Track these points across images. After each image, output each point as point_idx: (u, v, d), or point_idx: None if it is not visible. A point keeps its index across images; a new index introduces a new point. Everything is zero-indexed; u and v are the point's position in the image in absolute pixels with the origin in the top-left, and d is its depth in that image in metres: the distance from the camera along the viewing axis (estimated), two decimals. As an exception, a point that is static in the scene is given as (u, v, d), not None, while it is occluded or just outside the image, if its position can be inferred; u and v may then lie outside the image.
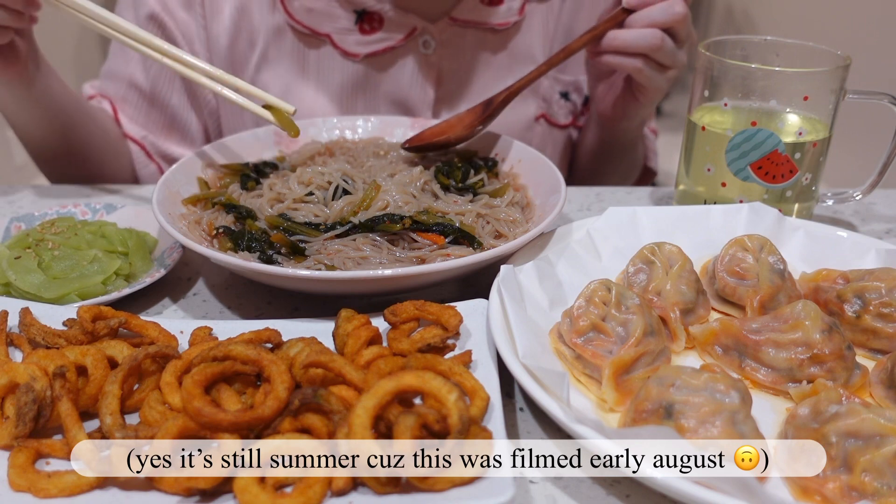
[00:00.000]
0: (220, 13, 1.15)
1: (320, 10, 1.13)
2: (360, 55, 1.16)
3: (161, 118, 1.21)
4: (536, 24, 1.22)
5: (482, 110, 0.99)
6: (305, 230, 0.81)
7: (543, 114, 1.27)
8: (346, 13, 1.14)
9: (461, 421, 0.54)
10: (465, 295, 0.75)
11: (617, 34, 0.98)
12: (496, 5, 1.17)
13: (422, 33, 1.16)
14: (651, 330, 0.67)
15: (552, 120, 1.28)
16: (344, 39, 1.15)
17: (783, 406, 0.65)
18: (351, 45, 1.15)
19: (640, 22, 0.97)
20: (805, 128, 0.90)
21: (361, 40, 1.15)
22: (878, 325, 0.71)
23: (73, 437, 0.56)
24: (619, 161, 1.27)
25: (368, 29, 1.14)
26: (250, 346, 0.61)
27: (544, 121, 1.28)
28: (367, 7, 1.13)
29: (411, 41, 1.16)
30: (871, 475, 0.54)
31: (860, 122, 1.62)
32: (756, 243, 0.78)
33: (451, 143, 0.96)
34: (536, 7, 1.21)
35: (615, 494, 0.58)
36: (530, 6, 1.20)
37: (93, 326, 0.67)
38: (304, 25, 1.14)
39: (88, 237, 0.83)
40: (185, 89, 1.20)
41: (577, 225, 0.85)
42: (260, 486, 0.52)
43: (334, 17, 1.14)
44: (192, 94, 1.20)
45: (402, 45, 1.16)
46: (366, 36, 1.15)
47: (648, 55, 0.98)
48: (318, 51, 1.16)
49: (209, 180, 0.93)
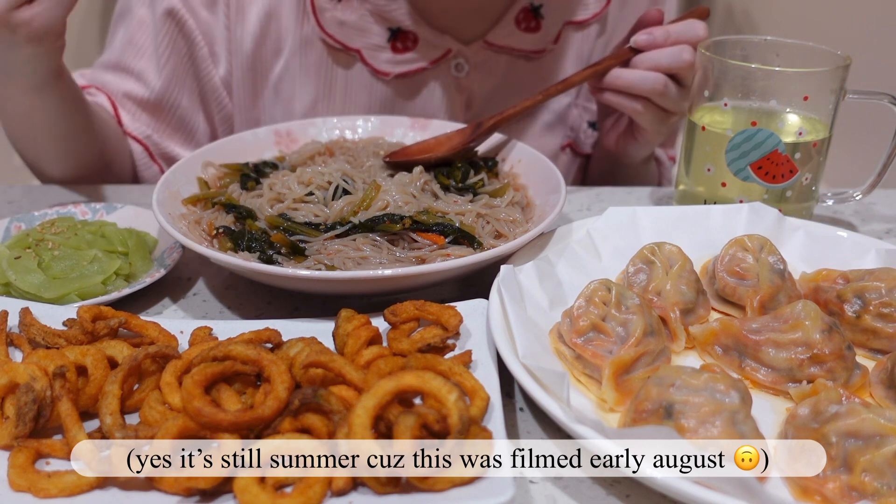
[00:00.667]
0: (247, 16, 1.11)
1: (353, 23, 1.10)
2: (391, 74, 1.13)
3: (169, 118, 1.16)
4: (571, 52, 1.19)
5: (472, 131, 0.97)
6: (305, 230, 0.81)
7: (570, 143, 1.26)
8: (381, 29, 1.10)
9: (461, 421, 0.54)
10: (465, 295, 0.75)
11: (620, 73, 0.96)
12: (532, 32, 1.15)
13: (455, 56, 1.13)
14: (651, 330, 0.67)
15: (578, 149, 1.27)
16: (375, 56, 1.12)
17: (783, 406, 0.65)
18: (381, 63, 1.12)
19: (646, 64, 0.96)
20: (805, 128, 0.90)
21: (393, 59, 1.12)
22: (878, 325, 0.71)
23: (73, 437, 0.56)
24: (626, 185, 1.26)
25: (401, 48, 1.11)
26: (250, 346, 0.61)
27: (570, 150, 1.26)
28: (403, 26, 1.10)
29: (444, 63, 1.13)
30: (871, 475, 0.54)
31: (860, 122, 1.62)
32: (756, 243, 0.78)
33: (432, 161, 0.94)
34: (572, 34, 1.19)
35: (615, 494, 0.58)
36: (566, 34, 1.18)
37: (93, 326, 0.67)
38: (334, 39, 1.10)
39: (88, 237, 0.83)
40: (197, 91, 1.16)
41: (577, 225, 0.84)
42: (260, 486, 0.52)
43: (367, 32, 1.10)
44: (204, 96, 1.16)
45: (434, 66, 1.13)
46: (398, 55, 1.12)
47: (650, 98, 0.97)
48: (347, 67, 1.13)
49: (209, 180, 0.93)
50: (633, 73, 0.96)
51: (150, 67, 1.13)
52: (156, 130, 1.16)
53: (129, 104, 1.14)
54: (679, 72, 0.96)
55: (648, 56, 0.96)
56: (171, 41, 1.11)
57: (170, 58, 1.12)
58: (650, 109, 0.99)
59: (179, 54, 1.13)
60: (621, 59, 0.98)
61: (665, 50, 0.95)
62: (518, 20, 1.14)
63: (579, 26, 1.19)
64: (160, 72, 1.13)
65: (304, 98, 1.14)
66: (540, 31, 1.15)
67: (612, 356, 0.65)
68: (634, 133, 1.06)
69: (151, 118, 1.15)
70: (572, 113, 1.24)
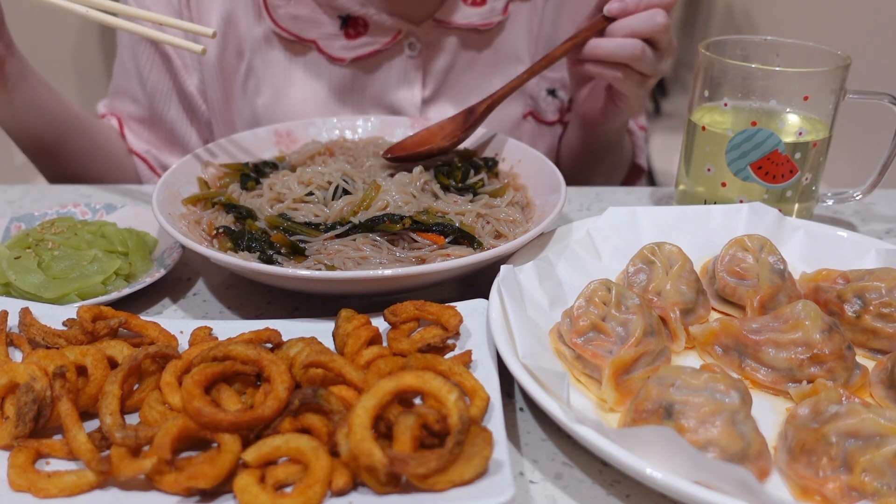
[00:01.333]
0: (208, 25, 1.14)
1: (305, 16, 1.14)
2: (347, 59, 1.16)
3: (161, 132, 1.22)
4: (520, 23, 1.22)
5: (464, 119, 0.98)
6: (305, 230, 0.81)
7: (531, 111, 1.27)
8: (331, 19, 1.14)
9: (461, 421, 0.54)
10: (465, 295, 0.75)
11: (598, 43, 0.97)
12: (479, 6, 1.17)
13: (406, 36, 1.16)
14: (651, 330, 0.67)
15: (540, 117, 1.28)
16: (329, 45, 1.16)
17: (783, 406, 0.65)
18: (336, 50, 1.16)
19: (622, 31, 0.96)
20: (805, 128, 0.90)
21: (347, 45, 1.16)
22: (878, 325, 0.71)
23: (73, 437, 0.56)
24: (603, 160, 1.27)
25: (353, 34, 1.15)
26: (250, 346, 0.61)
27: (532, 118, 1.28)
28: (352, 12, 1.14)
29: (396, 44, 1.16)
30: (871, 475, 0.54)
31: (860, 122, 1.62)
32: (756, 243, 0.78)
33: (434, 154, 0.95)
34: (520, 6, 1.21)
35: (615, 494, 0.58)
36: (514, 6, 1.20)
37: (93, 326, 0.67)
38: (289, 33, 1.15)
39: (88, 237, 0.83)
40: (181, 103, 1.21)
41: (577, 225, 0.84)
42: (260, 486, 0.53)
43: (319, 23, 1.15)
44: (188, 106, 1.21)
45: (387, 48, 1.16)
46: (351, 41, 1.15)
47: (629, 65, 0.98)
48: (305, 57, 1.17)
49: (209, 180, 0.93)
50: (610, 41, 0.97)
51: (136, 86, 1.20)
52: (154, 145, 1.23)
53: (131, 123, 1.23)
54: (654, 35, 0.97)
55: (623, 23, 0.97)
56: (149, 58, 1.19)
57: (150, 74, 1.19)
58: (629, 75, 1.00)
59: (158, 70, 1.19)
60: (597, 29, 0.98)
61: (639, 15, 0.96)
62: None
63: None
64: (144, 88, 1.20)
65: (267, 91, 1.18)
66: (486, 4, 1.18)
67: (612, 356, 0.65)
68: (615, 100, 1.07)
69: (149, 133, 1.23)
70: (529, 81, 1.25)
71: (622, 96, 1.05)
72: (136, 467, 0.53)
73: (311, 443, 0.55)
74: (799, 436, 0.57)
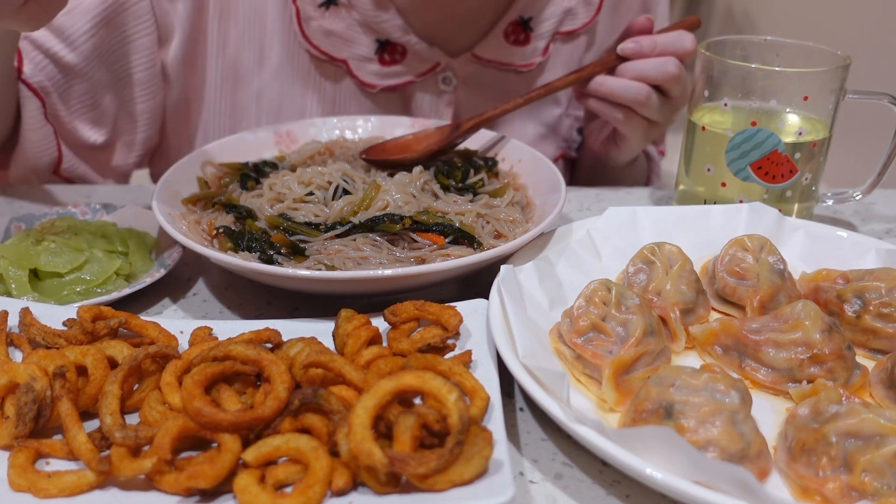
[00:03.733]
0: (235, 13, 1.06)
1: (340, 32, 1.06)
2: (378, 87, 1.09)
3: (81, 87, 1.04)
4: (560, 64, 1.18)
5: (450, 132, 0.96)
6: (305, 230, 0.81)
7: (563, 154, 1.25)
8: (368, 40, 1.07)
9: (461, 421, 0.54)
10: (465, 295, 0.75)
11: (604, 81, 0.96)
12: (521, 45, 1.12)
13: (444, 69, 1.10)
14: (651, 330, 0.67)
15: (570, 157, 1.27)
16: (361, 67, 1.08)
17: (783, 406, 0.65)
18: (367, 75, 1.09)
19: (630, 73, 0.95)
20: (805, 128, 0.90)
21: (380, 71, 1.09)
22: (878, 325, 0.71)
23: (73, 437, 0.56)
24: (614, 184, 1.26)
25: (389, 60, 1.08)
26: (250, 346, 0.61)
27: (562, 160, 1.26)
28: (392, 38, 1.06)
29: (430, 77, 1.11)
30: (871, 475, 0.54)
31: (860, 122, 1.62)
32: (756, 243, 0.78)
33: (407, 163, 0.93)
34: (561, 47, 1.17)
35: (615, 494, 0.58)
36: (555, 46, 1.16)
37: (93, 326, 0.67)
38: (320, 50, 1.07)
39: (88, 237, 0.83)
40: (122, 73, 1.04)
41: (577, 225, 0.84)
42: (260, 486, 0.53)
43: (354, 42, 1.07)
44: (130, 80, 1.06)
45: (421, 79, 1.11)
46: (385, 67, 1.08)
47: (633, 108, 0.97)
48: (334, 79, 1.09)
49: (209, 180, 0.93)
50: (616, 81, 0.96)
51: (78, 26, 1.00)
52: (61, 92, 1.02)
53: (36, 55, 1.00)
54: (663, 83, 0.95)
55: (633, 65, 0.96)
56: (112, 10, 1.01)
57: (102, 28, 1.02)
58: (632, 118, 0.98)
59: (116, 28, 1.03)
60: (607, 67, 0.98)
61: (650, 60, 0.95)
62: (507, 33, 1.11)
63: (568, 37, 1.17)
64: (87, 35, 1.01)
65: (292, 110, 1.11)
66: (529, 44, 1.13)
67: (612, 356, 0.65)
68: (616, 139, 1.06)
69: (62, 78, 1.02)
70: (564, 123, 1.23)
71: (623, 137, 1.04)
72: (136, 467, 0.53)
73: (311, 443, 0.55)
74: (799, 436, 0.57)
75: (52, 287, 0.78)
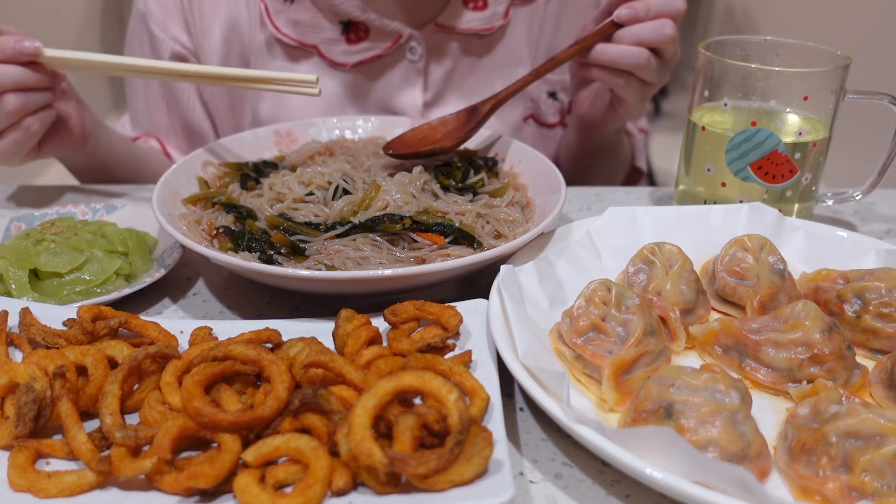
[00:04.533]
0: (211, 33, 1.17)
1: (306, 21, 1.15)
2: (348, 64, 1.17)
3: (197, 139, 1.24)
4: (521, 27, 1.22)
5: (467, 118, 0.98)
6: (305, 230, 0.81)
7: (532, 114, 1.27)
8: (332, 24, 1.15)
9: (461, 421, 0.54)
10: (465, 295, 0.75)
11: (605, 49, 0.97)
12: (480, 10, 1.18)
13: (408, 40, 1.17)
14: (651, 330, 0.67)
15: (541, 120, 1.29)
16: (331, 50, 1.16)
17: (783, 406, 0.65)
18: (338, 55, 1.16)
19: (628, 38, 0.96)
20: (805, 128, 0.90)
21: (348, 50, 1.16)
22: (878, 325, 0.71)
23: (74, 437, 0.56)
24: (600, 162, 1.27)
25: (355, 39, 1.16)
26: (250, 346, 0.61)
27: (533, 121, 1.28)
28: (353, 17, 1.14)
29: (398, 49, 1.17)
30: (871, 475, 0.54)
31: (860, 122, 1.62)
32: (756, 243, 0.78)
33: (436, 153, 0.95)
34: (521, 9, 1.22)
35: (615, 494, 0.58)
36: (515, 10, 1.21)
37: (93, 326, 0.67)
38: (291, 38, 1.16)
39: (88, 237, 0.83)
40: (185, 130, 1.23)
41: (577, 225, 0.84)
42: (260, 486, 0.53)
43: (320, 28, 1.15)
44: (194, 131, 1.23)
45: (388, 53, 1.17)
46: (352, 45, 1.16)
47: (633, 73, 0.98)
48: (308, 62, 1.17)
49: (209, 180, 0.93)
50: (616, 48, 0.97)
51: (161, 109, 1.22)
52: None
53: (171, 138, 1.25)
54: (660, 45, 0.97)
55: (630, 31, 0.97)
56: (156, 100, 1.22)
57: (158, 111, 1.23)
58: (631, 82, 1.00)
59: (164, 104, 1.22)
60: (604, 35, 0.98)
61: (646, 24, 0.96)
62: (465, 0, 1.17)
63: (525, 2, 1.22)
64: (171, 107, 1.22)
65: (270, 96, 1.19)
66: (487, 9, 1.18)
67: (611, 356, 0.65)
68: (615, 104, 1.08)
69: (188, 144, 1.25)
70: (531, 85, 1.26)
71: (623, 102, 1.05)
72: (136, 467, 0.53)
73: (311, 443, 0.55)
74: (799, 436, 0.57)
75: (52, 287, 0.78)
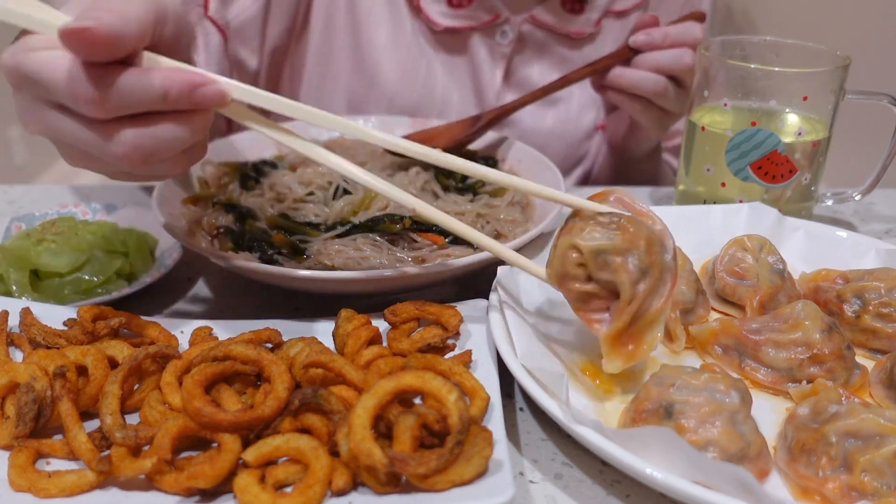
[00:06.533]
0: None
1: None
2: (441, 26, 1.14)
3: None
4: (609, 39, 1.21)
5: (471, 124, 0.98)
6: (305, 230, 0.81)
7: (604, 125, 1.26)
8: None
9: (461, 421, 0.54)
10: (465, 295, 0.75)
11: (623, 73, 0.97)
12: (576, 14, 1.16)
13: (504, 22, 1.15)
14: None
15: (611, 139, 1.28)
16: (431, 7, 1.13)
17: (783, 406, 0.65)
18: (435, 13, 1.14)
19: (647, 64, 0.97)
20: (805, 128, 0.90)
21: (447, 13, 1.14)
22: (878, 325, 0.71)
23: (74, 437, 0.56)
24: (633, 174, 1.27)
25: (457, 4, 1.13)
26: (250, 346, 0.61)
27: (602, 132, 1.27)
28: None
29: (490, 28, 1.15)
30: (871, 475, 0.54)
31: (860, 122, 1.62)
32: (756, 243, 0.78)
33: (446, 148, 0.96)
34: (614, 22, 1.20)
35: (615, 494, 0.58)
36: (607, 21, 1.20)
37: (93, 326, 0.67)
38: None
39: (89, 237, 0.83)
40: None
41: (577, 225, 0.84)
42: (260, 485, 0.52)
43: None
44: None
45: (482, 27, 1.15)
46: (453, 10, 1.14)
47: (651, 100, 0.98)
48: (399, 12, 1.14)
49: (209, 179, 0.93)
50: (634, 73, 0.97)
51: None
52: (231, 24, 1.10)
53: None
54: (679, 73, 0.97)
55: (650, 57, 0.97)
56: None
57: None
58: (650, 109, 1.00)
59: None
60: (620, 58, 0.99)
61: (667, 52, 0.96)
62: (564, 1, 1.16)
63: (619, 16, 1.21)
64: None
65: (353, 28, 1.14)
66: (582, 14, 1.17)
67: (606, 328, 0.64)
68: (633, 130, 1.07)
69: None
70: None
71: (640, 127, 1.06)
72: (137, 467, 0.53)
73: (311, 443, 0.55)
74: (799, 436, 0.57)
75: (53, 287, 0.78)
